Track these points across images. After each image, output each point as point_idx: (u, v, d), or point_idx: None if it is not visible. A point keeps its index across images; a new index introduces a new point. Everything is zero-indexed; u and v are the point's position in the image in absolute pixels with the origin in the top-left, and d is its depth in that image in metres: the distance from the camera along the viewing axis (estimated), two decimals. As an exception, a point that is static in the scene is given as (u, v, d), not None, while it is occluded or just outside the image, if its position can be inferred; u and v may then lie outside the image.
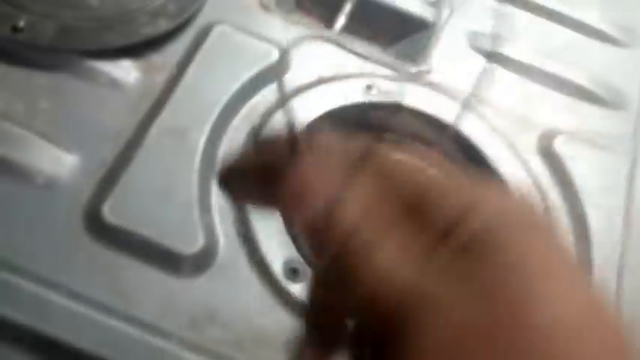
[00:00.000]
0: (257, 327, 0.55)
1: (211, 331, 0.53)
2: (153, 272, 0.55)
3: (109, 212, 0.55)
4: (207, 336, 0.53)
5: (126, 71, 0.64)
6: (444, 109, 0.71)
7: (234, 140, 0.63)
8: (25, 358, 0.50)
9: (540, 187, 0.70)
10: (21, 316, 0.50)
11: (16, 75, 0.60)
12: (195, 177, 0.59)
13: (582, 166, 0.71)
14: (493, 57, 0.78)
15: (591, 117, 0.76)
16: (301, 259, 0.58)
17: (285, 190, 0.28)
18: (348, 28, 0.77)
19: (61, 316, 0.51)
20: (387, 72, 0.73)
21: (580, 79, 0.78)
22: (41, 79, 0.61)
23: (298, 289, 0.57)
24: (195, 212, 0.58)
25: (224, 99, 0.64)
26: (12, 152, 0.57)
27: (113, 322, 0.52)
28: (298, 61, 0.70)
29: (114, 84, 0.63)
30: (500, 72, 0.77)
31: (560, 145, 0.72)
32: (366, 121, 0.72)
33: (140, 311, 0.53)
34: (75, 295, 0.52)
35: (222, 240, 0.58)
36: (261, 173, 0.31)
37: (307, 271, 0.58)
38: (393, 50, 0.78)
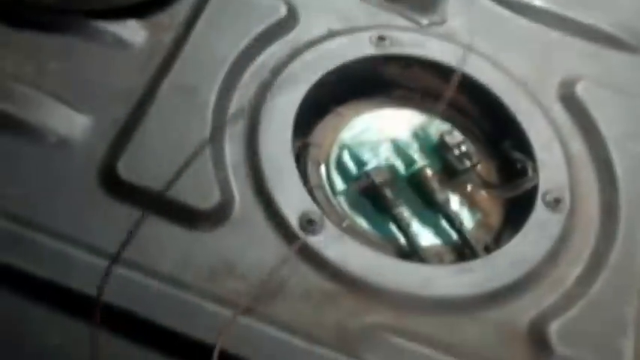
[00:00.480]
0: (275, 279, 0.59)
1: (230, 283, 0.58)
2: (170, 227, 0.59)
3: (123, 169, 0.60)
4: (227, 288, 0.57)
5: (133, 31, 0.68)
6: (460, 60, 0.74)
7: (244, 96, 0.67)
8: (46, 311, 0.55)
9: (562, 135, 0.72)
10: (42, 271, 0.55)
11: (24, 37, 0.65)
12: (207, 133, 0.64)
13: (606, 111, 0.74)
14: (509, 4, 0.81)
15: (615, 63, 0.79)
16: (317, 210, 0.63)
17: None
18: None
19: (81, 270, 0.55)
20: (400, 23, 0.77)
21: (603, 24, 0.81)
22: (49, 40, 0.65)
23: (315, 241, 0.61)
24: (210, 167, 0.62)
25: (233, 56, 0.68)
26: (24, 112, 0.62)
27: (133, 275, 0.56)
28: (307, 15, 0.74)
29: (121, 44, 0.67)
30: (519, 21, 0.80)
31: (582, 91, 0.74)
32: (378, 76, 0.76)
33: (159, 264, 0.57)
34: (94, 250, 0.56)
35: (237, 194, 0.62)
36: None
37: (324, 222, 0.62)
38: (406, 1, 0.81)
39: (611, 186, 0.69)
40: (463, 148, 0.71)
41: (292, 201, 0.62)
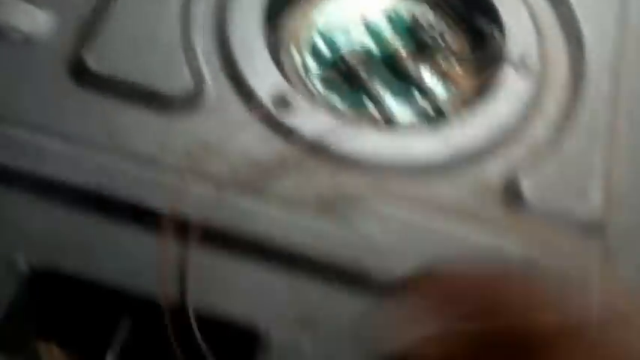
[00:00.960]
0: (252, 156, 0.58)
1: (209, 163, 0.57)
2: (144, 113, 0.58)
3: (93, 61, 0.58)
4: (205, 167, 0.56)
5: None
6: None
7: None
8: (29, 200, 0.54)
9: (529, 2, 0.71)
10: (19, 163, 0.54)
11: None
12: (175, 21, 0.62)
13: None
14: None
15: None
16: (290, 90, 0.61)
17: None
18: None
19: (58, 159, 0.54)
20: None
21: None
22: None
23: (289, 117, 0.60)
24: (180, 55, 0.61)
25: None
26: (-17, 13, 0.60)
27: (111, 159, 0.55)
28: None
29: None
30: None
31: None
32: None
33: (136, 148, 0.56)
34: (70, 139, 0.55)
35: (209, 79, 0.61)
36: None
37: (297, 101, 0.61)
38: None
39: (579, 49, 0.69)
40: (435, 25, 0.70)
41: (265, 83, 0.61)
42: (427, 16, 0.71)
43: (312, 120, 0.60)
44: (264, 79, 0.61)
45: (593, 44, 0.69)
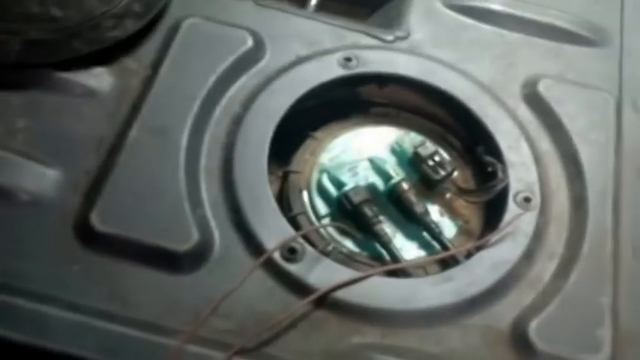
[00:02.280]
0: (259, 312, 0.52)
1: (215, 323, 0.51)
2: (150, 273, 0.52)
3: (98, 220, 0.53)
4: (211, 328, 0.50)
5: (99, 78, 0.61)
6: (427, 73, 0.68)
7: (217, 133, 0.60)
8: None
9: (529, 135, 0.66)
10: (21, 335, 0.48)
11: (-10, 97, 0.58)
12: (181, 174, 0.57)
13: (569, 106, 0.67)
14: (469, 12, 0.73)
15: (574, 57, 0.72)
16: (299, 239, 0.55)
17: None
18: (321, 7, 0.75)
19: (61, 329, 0.48)
20: (365, 42, 0.69)
21: (559, 21, 0.74)
22: (15, 97, 0.58)
23: (296, 269, 0.54)
24: (187, 208, 0.55)
25: (202, 92, 0.61)
26: (-7, 176, 0.54)
27: (114, 328, 0.49)
28: (273, 44, 0.67)
29: (89, 93, 0.60)
30: (480, 27, 0.73)
31: (544, 89, 0.68)
32: (349, 96, 0.69)
33: (141, 313, 0.50)
34: (73, 307, 0.49)
35: (216, 232, 0.55)
36: None
37: (305, 249, 0.55)
38: (368, 22, 0.75)
39: (579, 178, 0.62)
40: (437, 158, 0.63)
41: (272, 233, 0.55)
42: (431, 149, 0.64)
43: (319, 269, 0.54)
44: (272, 230, 0.55)
45: (592, 172, 0.63)
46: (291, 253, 0.54)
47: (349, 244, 0.60)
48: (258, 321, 0.51)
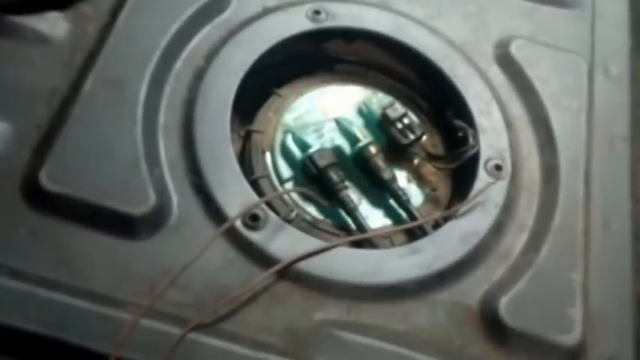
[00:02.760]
0: (218, 284, 0.47)
1: (171, 295, 0.46)
2: (102, 239, 0.47)
3: (47, 179, 0.48)
4: (167, 301, 0.46)
5: (53, 24, 0.55)
6: (397, 29, 0.62)
7: (177, 87, 0.55)
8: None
9: (501, 98, 0.61)
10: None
11: None
12: (138, 130, 0.51)
13: (541, 69, 0.63)
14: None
15: (549, 19, 0.67)
16: (261, 204, 0.51)
17: None
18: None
19: (4, 299, 0.43)
20: (335, -6, 0.63)
21: None
22: (-39, 43, 0.52)
23: (259, 238, 0.50)
24: (143, 168, 0.50)
25: (163, 42, 0.55)
26: None
27: (61, 298, 0.44)
28: (240, -7, 0.61)
29: (41, 39, 0.54)
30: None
31: (517, 50, 0.63)
32: (318, 52, 0.64)
33: (90, 282, 0.46)
34: (16, 274, 0.44)
35: (174, 195, 0.50)
36: None
37: (268, 217, 0.50)
38: None
39: (550, 146, 0.59)
40: (406, 120, 0.59)
41: (234, 197, 0.51)
42: (400, 111, 0.59)
43: (282, 239, 0.50)
44: (234, 195, 0.51)
45: (564, 140, 0.59)
46: (253, 220, 0.50)
47: (313, 211, 0.56)
48: (218, 294, 0.47)
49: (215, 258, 0.48)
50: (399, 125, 0.59)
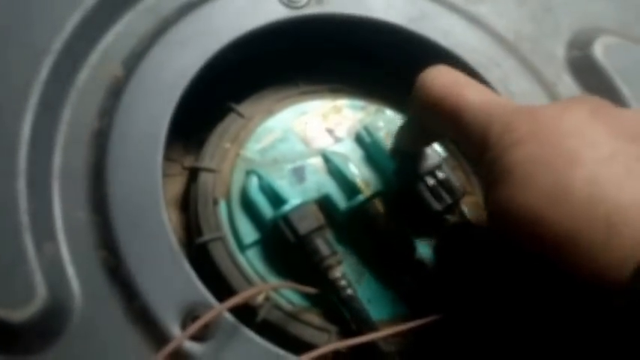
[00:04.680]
0: None
1: None
2: None
3: None
4: None
5: None
6: (418, 18, 0.62)
7: (82, 111, 0.54)
8: None
9: None
10: None
11: None
12: (20, 184, 0.49)
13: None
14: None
15: None
16: (208, 299, 0.49)
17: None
18: None
19: None
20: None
21: None
22: None
23: (204, 352, 0.48)
24: (28, 245, 0.48)
25: (57, 44, 0.54)
26: None
27: None
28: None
29: None
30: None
31: (602, 52, 0.63)
32: (298, 51, 0.64)
33: None
34: None
35: (77, 284, 0.49)
36: None
37: (222, 319, 0.49)
38: None
39: None
40: (440, 174, 0.58)
41: (169, 286, 0.49)
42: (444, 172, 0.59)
43: (241, 350, 0.49)
44: (169, 282, 0.49)
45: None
46: (200, 329, 0.47)
47: (290, 295, 0.55)
48: None
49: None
50: (431, 182, 0.58)
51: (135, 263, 0.49)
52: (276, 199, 0.56)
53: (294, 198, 0.56)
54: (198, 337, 0.48)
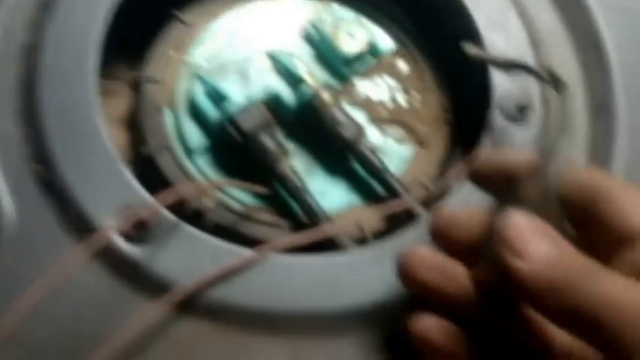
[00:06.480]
0: (87, 328, 0.43)
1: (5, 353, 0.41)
2: None
3: None
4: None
5: None
6: None
7: (10, 24, 0.50)
8: None
9: (523, 3, 0.56)
10: None
11: None
12: None
13: None
14: None
15: None
16: (148, 200, 0.45)
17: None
18: None
19: None
20: None
21: None
22: None
23: (146, 254, 0.44)
24: None
25: None
26: None
27: None
28: None
29: None
30: None
31: None
32: None
33: None
34: None
35: (9, 195, 0.45)
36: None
37: (162, 221, 0.45)
38: None
39: (601, 70, 0.54)
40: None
41: (106, 194, 0.45)
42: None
43: (187, 252, 0.44)
44: (105, 188, 0.45)
45: (622, 55, 0.54)
46: (137, 228, 0.44)
47: (242, 195, 0.51)
48: (85, 344, 0.41)
49: (80, 288, 0.43)
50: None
51: (70, 173, 0.46)
52: (222, 102, 0.52)
53: (238, 98, 0.52)
54: (136, 239, 0.44)
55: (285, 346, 0.44)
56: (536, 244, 0.34)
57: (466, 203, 0.47)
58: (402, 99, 0.56)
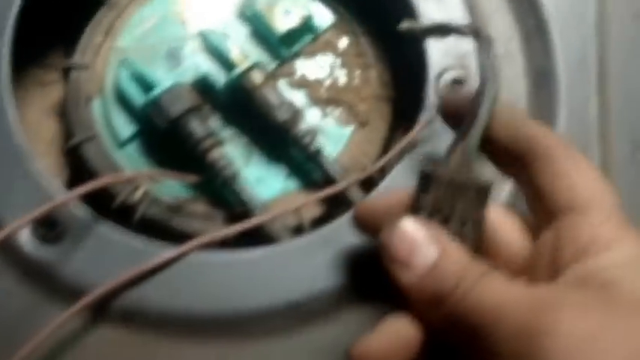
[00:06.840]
0: None
1: None
2: None
3: None
4: None
5: None
6: None
7: None
8: None
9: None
10: None
11: None
12: None
13: None
14: None
15: None
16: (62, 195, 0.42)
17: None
18: None
19: None
20: None
21: None
22: None
23: (57, 255, 0.42)
24: None
25: None
26: None
27: None
28: None
29: None
30: None
31: None
32: None
33: None
34: None
35: None
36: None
37: (76, 219, 0.42)
38: None
39: (541, 37, 0.51)
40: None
41: (15, 189, 0.43)
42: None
43: (103, 253, 0.42)
44: (14, 183, 0.43)
45: (564, 25, 0.52)
46: (48, 227, 0.42)
47: (171, 187, 0.49)
48: None
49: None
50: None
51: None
52: (147, 86, 0.49)
53: (167, 82, 0.49)
54: (48, 239, 0.42)
55: (212, 350, 0.41)
56: (422, 253, 0.32)
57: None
58: (342, 76, 0.53)
